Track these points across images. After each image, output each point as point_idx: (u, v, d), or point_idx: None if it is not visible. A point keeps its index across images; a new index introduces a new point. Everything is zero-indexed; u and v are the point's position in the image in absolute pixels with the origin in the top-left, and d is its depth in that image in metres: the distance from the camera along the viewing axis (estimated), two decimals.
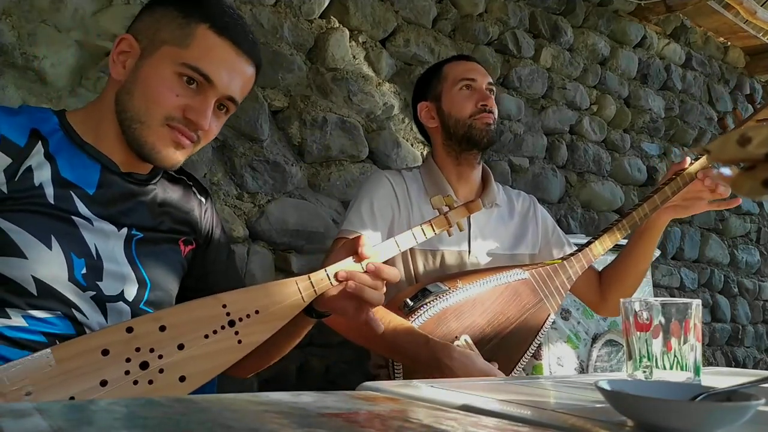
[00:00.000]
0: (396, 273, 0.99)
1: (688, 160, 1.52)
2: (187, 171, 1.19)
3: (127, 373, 0.84)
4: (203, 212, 1.17)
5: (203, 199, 1.18)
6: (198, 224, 1.15)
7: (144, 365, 0.85)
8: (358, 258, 0.98)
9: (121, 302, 0.98)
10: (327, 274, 0.98)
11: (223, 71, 0.99)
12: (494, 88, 1.63)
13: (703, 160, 1.48)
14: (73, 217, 0.95)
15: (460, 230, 1.15)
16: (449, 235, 1.12)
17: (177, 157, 1.01)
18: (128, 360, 0.84)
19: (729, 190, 1.46)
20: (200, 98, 0.99)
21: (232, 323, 0.91)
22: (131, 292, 1.00)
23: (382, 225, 1.47)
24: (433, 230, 1.09)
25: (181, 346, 0.87)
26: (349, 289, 0.96)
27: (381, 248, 1.02)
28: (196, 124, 0.98)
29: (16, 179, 0.92)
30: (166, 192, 1.10)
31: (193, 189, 1.17)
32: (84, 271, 0.94)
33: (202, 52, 0.98)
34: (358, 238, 1.00)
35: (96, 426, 0.49)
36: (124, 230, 1.01)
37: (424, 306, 1.32)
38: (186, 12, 0.99)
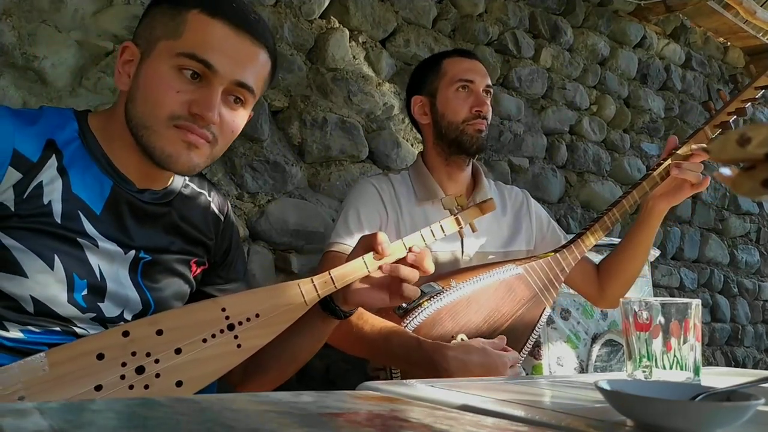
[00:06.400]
0: (431, 264, 1.01)
1: (675, 139, 1.51)
2: (209, 180, 1.15)
3: (122, 377, 0.82)
4: (220, 231, 1.12)
5: (222, 217, 1.13)
6: (213, 245, 1.11)
7: (140, 370, 0.83)
8: (379, 256, 0.98)
9: (122, 323, 0.96)
10: (331, 277, 0.96)
11: (223, 55, 0.91)
12: (492, 90, 1.60)
13: (684, 147, 1.47)
14: (78, 238, 0.92)
15: (473, 231, 1.13)
16: (461, 237, 1.11)
17: (193, 159, 0.94)
18: (124, 364, 0.82)
19: (698, 176, 1.43)
20: (204, 90, 0.91)
21: (231, 327, 0.89)
22: (132, 314, 0.98)
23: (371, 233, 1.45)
24: (443, 231, 1.06)
25: (178, 351, 0.85)
26: (389, 272, 0.98)
27: (391, 250, 1.00)
28: (203, 118, 0.91)
29: (24, 196, 0.89)
30: (182, 210, 1.05)
31: (212, 205, 1.12)
32: (85, 292, 0.92)
33: (196, 38, 0.91)
34: (376, 235, 0.99)
35: (96, 426, 0.49)
36: (132, 253, 0.97)
37: (419, 307, 1.30)
38: (177, 2, 0.94)
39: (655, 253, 2.48)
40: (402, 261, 1.00)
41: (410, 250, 1.00)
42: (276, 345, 0.96)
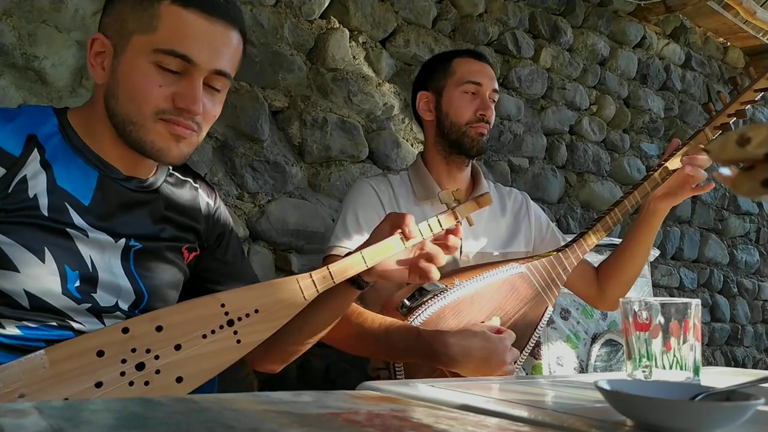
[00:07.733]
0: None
1: (678, 141, 1.52)
2: (193, 170, 1.16)
3: (122, 374, 0.83)
4: (212, 218, 1.13)
5: (211, 202, 1.14)
6: (204, 230, 1.11)
7: (140, 366, 0.84)
8: (405, 238, 1.02)
9: (117, 312, 0.96)
10: (329, 272, 0.98)
11: (200, 46, 0.91)
12: (498, 95, 1.60)
13: (686, 149, 1.48)
14: (67, 229, 0.92)
15: (470, 225, 1.13)
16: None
17: (182, 150, 0.95)
18: (124, 361, 0.83)
19: (705, 175, 1.44)
20: (186, 82, 0.92)
21: (231, 323, 0.90)
22: (126, 303, 0.98)
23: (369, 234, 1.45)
24: (440, 225, 1.07)
25: (178, 347, 0.86)
26: (429, 249, 1.04)
27: (415, 233, 1.04)
28: (189, 111, 0.92)
29: (9, 191, 0.89)
30: (170, 197, 1.06)
31: (200, 192, 1.13)
32: (77, 283, 0.92)
33: (173, 32, 0.90)
34: (405, 216, 1.02)
35: (96, 425, 0.49)
36: (122, 241, 0.97)
37: (422, 305, 1.31)
38: None
39: (654, 253, 2.48)
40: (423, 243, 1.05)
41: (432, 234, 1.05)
42: (297, 318, 0.97)
